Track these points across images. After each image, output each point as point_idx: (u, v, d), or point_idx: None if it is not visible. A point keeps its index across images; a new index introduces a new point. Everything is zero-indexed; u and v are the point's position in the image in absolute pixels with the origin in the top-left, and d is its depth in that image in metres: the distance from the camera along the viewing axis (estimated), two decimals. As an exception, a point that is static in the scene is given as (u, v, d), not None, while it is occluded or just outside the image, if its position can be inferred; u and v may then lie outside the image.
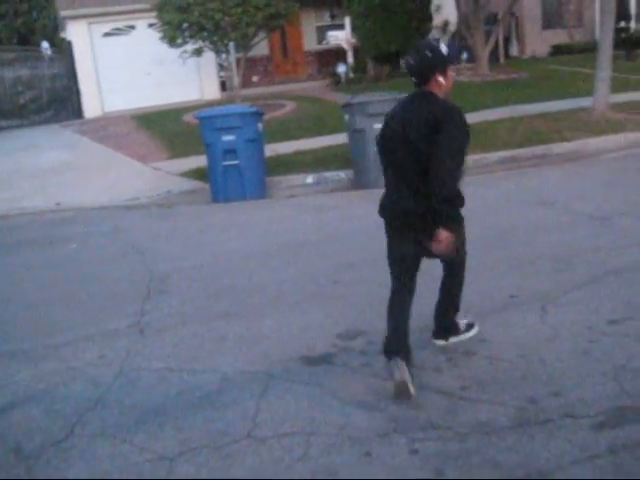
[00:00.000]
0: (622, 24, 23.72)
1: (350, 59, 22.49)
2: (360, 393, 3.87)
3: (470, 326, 4.46)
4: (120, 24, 20.79)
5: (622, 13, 23.36)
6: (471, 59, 20.42)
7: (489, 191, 8.67)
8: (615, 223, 6.81)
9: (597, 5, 21.30)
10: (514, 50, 25.48)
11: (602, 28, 13.46)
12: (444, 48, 3.84)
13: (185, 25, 16.62)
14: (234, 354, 4.53)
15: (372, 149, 9.40)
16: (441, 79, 3.82)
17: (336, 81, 21.15)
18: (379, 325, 4.75)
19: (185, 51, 17.04)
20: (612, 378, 3.81)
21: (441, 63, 3.80)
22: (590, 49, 18.77)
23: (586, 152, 10.68)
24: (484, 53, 19.30)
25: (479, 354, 4.22)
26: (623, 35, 22.59)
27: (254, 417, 3.69)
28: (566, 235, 6.54)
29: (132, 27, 20.91)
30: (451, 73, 3.88)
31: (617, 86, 13.72)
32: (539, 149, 10.76)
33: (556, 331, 4.45)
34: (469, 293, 4.52)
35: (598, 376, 3.86)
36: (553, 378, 3.87)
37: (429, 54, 3.78)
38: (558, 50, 24.79)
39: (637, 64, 19.86)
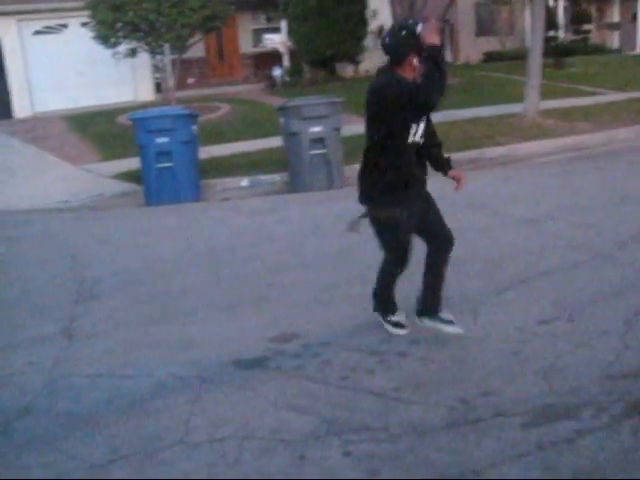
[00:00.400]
0: (551, 33, 24.37)
1: (286, 62, 22.51)
2: (293, 396, 3.85)
3: (398, 325, 4.52)
4: (51, 22, 20.29)
5: (551, 23, 23.99)
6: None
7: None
8: (544, 226, 6.98)
9: (527, 14, 21.82)
10: (448, 56, 25.91)
11: (532, 37, 13.83)
12: (419, 28, 3.78)
13: (119, 25, 16.34)
14: (167, 359, 4.46)
15: (307, 152, 9.45)
16: (415, 61, 3.82)
17: (272, 84, 21.14)
18: (313, 328, 4.77)
19: (118, 52, 16.76)
20: (541, 377, 3.89)
21: (416, 44, 3.76)
22: (521, 57, 19.17)
23: (517, 156, 10.93)
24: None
25: (412, 355, 4.26)
26: (552, 44, 23.20)
27: (187, 422, 3.64)
28: (497, 237, 6.67)
29: (64, 25, 20.44)
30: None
31: (547, 93, 14.09)
32: (472, 153, 10.94)
33: (487, 332, 4.53)
34: (400, 295, 4.56)
35: (528, 375, 3.94)
36: (484, 378, 3.93)
37: (404, 34, 3.78)
38: (490, 57, 25.35)
39: (565, 72, 20.42)
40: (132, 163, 10.55)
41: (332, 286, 5.59)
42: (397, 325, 4.49)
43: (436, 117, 4.45)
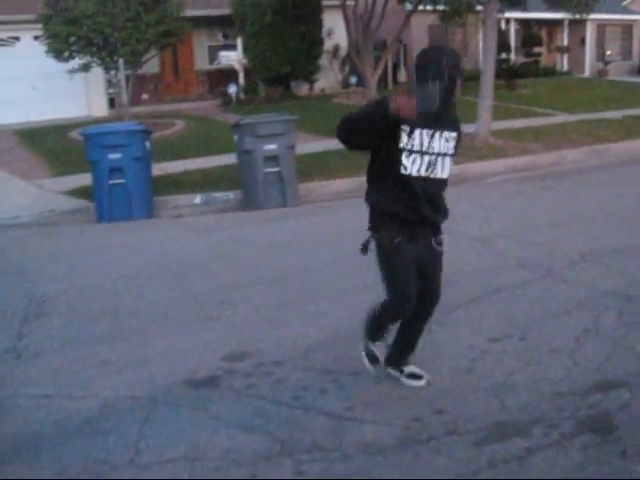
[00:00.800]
0: (503, 55, 24.89)
1: (241, 80, 22.51)
2: (245, 416, 3.81)
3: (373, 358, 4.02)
4: (3, 35, 20.01)
5: (503, 45, 24.49)
6: (361, 83, 20.85)
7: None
8: (495, 244, 7.07)
9: (480, 36, 22.21)
10: (402, 76, 26.22)
11: (484, 58, 14.09)
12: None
13: (73, 39, 16.17)
14: (116, 378, 4.38)
15: (261, 170, 9.43)
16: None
17: (227, 101, 21.11)
18: (265, 346, 4.74)
19: (72, 68, 16.56)
20: (493, 395, 3.92)
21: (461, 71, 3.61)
22: (474, 78, 19.49)
23: (469, 176, 11.07)
24: (373, 78, 19.74)
25: (365, 374, 4.24)
26: (504, 66, 23.67)
27: (136, 443, 3.57)
28: (448, 256, 6.69)
29: (16, 39, 20.15)
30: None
31: (499, 114, 14.34)
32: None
33: (439, 350, 4.55)
34: (354, 315, 4.55)
35: (479, 393, 3.96)
36: (437, 396, 3.94)
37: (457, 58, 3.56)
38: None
39: (517, 94, 20.82)
40: (84, 179, 10.41)
41: (286, 304, 5.57)
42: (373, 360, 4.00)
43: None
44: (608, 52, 32.11)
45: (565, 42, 31.97)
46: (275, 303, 5.63)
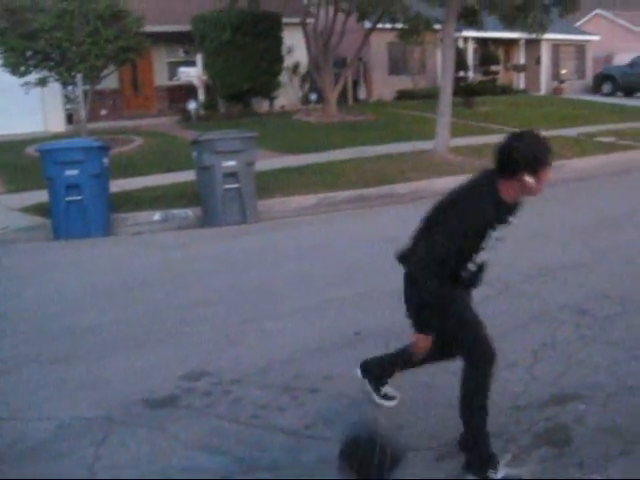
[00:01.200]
0: (461, 73, 25.24)
1: (201, 96, 22.45)
2: (204, 435, 3.77)
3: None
4: (-44, 48, 19.65)
5: (461, 63, 24.85)
6: (320, 101, 20.95)
7: (335, 228, 8.87)
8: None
9: (439, 54, 22.50)
10: (362, 93, 26.42)
11: (443, 76, 14.26)
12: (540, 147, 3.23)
13: (29, 53, 15.96)
14: (73, 399, 4.29)
15: (220, 187, 9.39)
16: (528, 179, 3.22)
17: (186, 118, 21.01)
18: (224, 364, 4.70)
19: (28, 82, 16.33)
20: (453, 410, 3.92)
21: (531, 163, 3.18)
22: (432, 95, 19.74)
23: (428, 192, 11.13)
24: (333, 95, 19.88)
25: (324, 391, 4.23)
26: (462, 84, 24.00)
27: (92, 466, 3.50)
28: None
29: (-30, 52, 19.82)
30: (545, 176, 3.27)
31: (457, 131, 14.50)
32: (385, 189, 11.12)
33: (399, 366, 4.55)
34: (312, 332, 4.55)
35: (440, 408, 3.97)
36: (397, 412, 3.94)
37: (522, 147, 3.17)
38: (403, 95, 26.00)
39: (474, 111, 21.11)
40: (40, 196, 10.24)
41: (244, 321, 5.54)
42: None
43: (349, 153, 4.48)
44: (563, 71, 32.76)
45: (522, 61, 32.56)
46: (234, 320, 5.60)
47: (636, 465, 3.39)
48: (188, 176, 11.00)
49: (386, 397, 3.95)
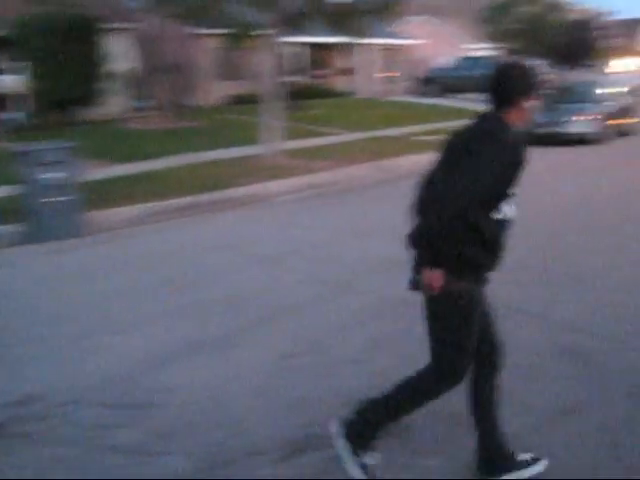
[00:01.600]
0: (290, 77, 25.60)
1: (24, 105, 21.34)
2: (42, 463, 3.60)
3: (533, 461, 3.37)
4: None
5: (290, 67, 25.22)
6: (153, 107, 20.56)
7: (166, 237, 8.78)
8: (285, 262, 7.25)
9: (268, 60, 22.73)
10: (192, 99, 26.13)
11: (271, 80, 14.45)
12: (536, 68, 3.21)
13: None
14: None
15: (42, 200, 8.93)
16: (526, 104, 3.13)
17: (7, 129, 19.90)
18: (59, 385, 4.52)
19: None
20: (291, 411, 4.01)
21: (529, 86, 3.13)
22: (263, 100, 19.87)
23: (260, 196, 11.25)
24: (163, 101, 19.57)
25: (168, 404, 4.18)
26: (290, 88, 24.34)
27: None
28: (241, 277, 6.82)
29: None
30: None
31: (287, 134, 14.72)
32: (216, 195, 11.07)
33: (237, 371, 4.60)
34: (147, 344, 4.48)
35: (278, 411, 4.04)
36: (234, 419, 3.97)
37: (515, 72, 3.15)
38: (237, 100, 26.00)
39: (305, 114, 21.52)
40: None
41: (78, 338, 5.37)
42: (363, 468, 3.24)
43: (180, 160, 4.44)
44: (388, 74, 34.03)
45: (352, 64, 33.48)
46: (67, 337, 5.40)
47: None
48: (12, 190, 10.42)
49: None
